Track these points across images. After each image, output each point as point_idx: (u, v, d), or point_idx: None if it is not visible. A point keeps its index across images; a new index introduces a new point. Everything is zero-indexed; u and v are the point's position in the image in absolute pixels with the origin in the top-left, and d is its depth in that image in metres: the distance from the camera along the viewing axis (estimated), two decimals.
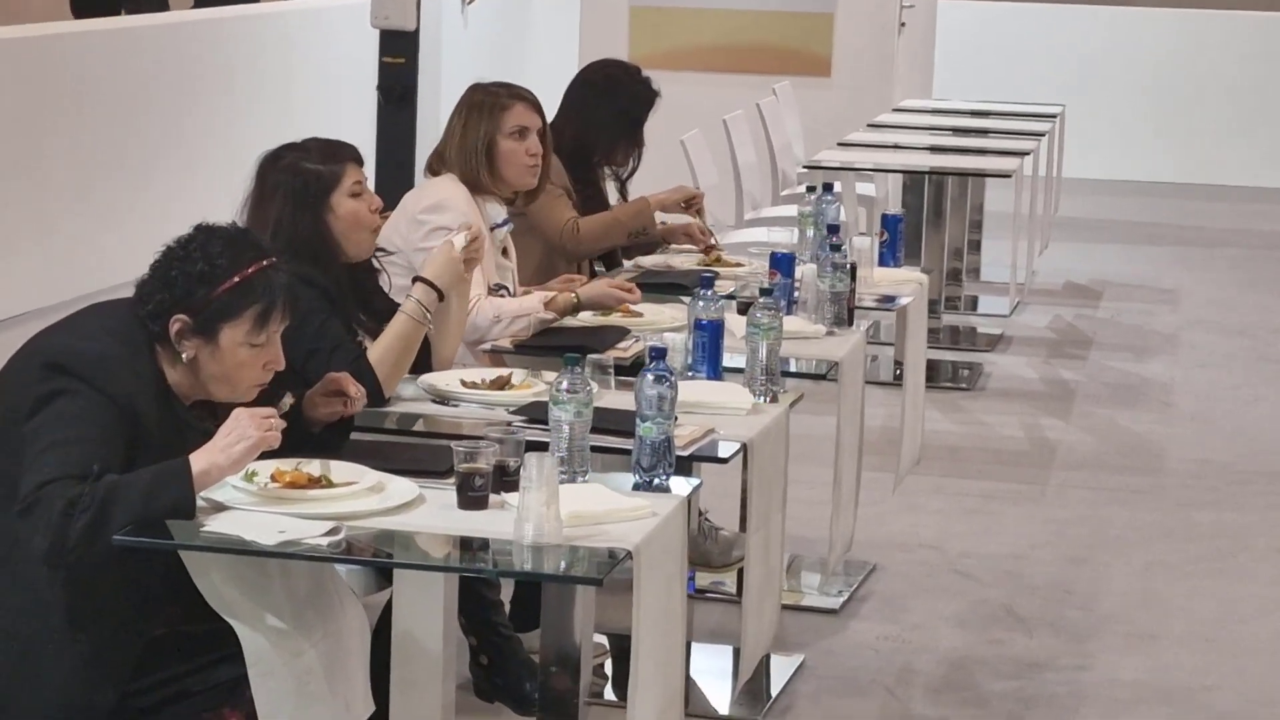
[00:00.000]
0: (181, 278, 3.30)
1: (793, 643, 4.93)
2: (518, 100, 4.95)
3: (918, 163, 8.60)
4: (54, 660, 3.19)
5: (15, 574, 3.20)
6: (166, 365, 3.32)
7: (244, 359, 3.33)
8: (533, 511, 3.16)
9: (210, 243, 3.34)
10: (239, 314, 3.31)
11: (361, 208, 4.09)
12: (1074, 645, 5.03)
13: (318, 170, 4.05)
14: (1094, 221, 11.65)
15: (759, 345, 4.23)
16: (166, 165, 8.95)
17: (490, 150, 4.89)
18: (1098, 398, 7.60)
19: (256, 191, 4.07)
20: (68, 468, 3.12)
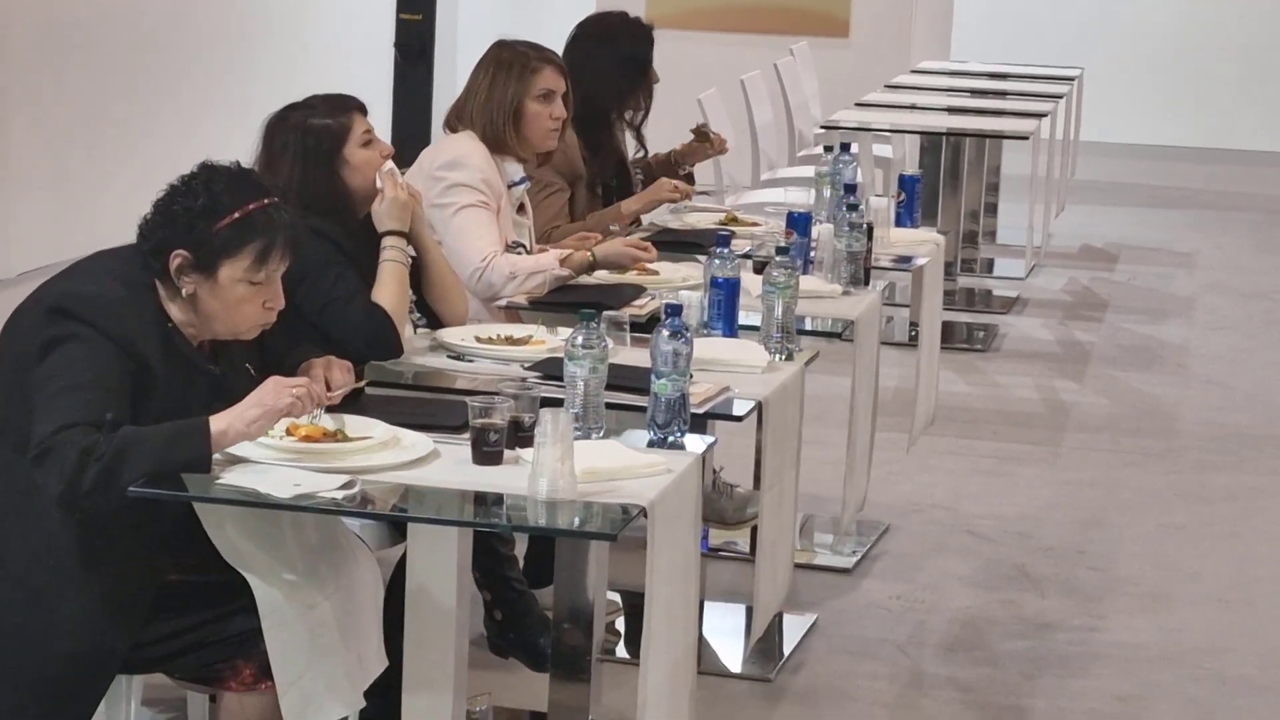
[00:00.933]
0: (183, 213, 3.32)
1: (805, 602, 4.93)
2: (547, 64, 4.93)
3: (935, 124, 8.58)
4: (67, 605, 3.21)
5: (28, 521, 3.22)
6: (171, 305, 3.33)
7: (243, 295, 3.33)
8: (547, 467, 3.16)
9: (213, 180, 3.35)
10: (239, 250, 3.31)
11: (374, 155, 4.10)
12: (1086, 606, 5.04)
13: (326, 124, 4.05)
14: (1111, 185, 11.63)
15: (775, 303, 4.23)
16: (179, 120, 8.95)
17: (518, 111, 4.86)
18: (1113, 360, 7.59)
19: (265, 153, 4.06)
20: (80, 414, 3.13)
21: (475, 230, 4.69)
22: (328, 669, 3.22)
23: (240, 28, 9.68)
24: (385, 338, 3.98)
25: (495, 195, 4.80)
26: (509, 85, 4.85)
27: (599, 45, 5.68)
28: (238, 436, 3.21)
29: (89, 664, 3.23)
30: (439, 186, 4.73)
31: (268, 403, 3.21)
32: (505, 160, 4.91)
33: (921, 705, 4.43)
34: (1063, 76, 9.90)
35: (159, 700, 4.06)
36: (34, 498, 3.19)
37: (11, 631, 3.21)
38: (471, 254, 4.66)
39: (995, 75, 10.07)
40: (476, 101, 4.87)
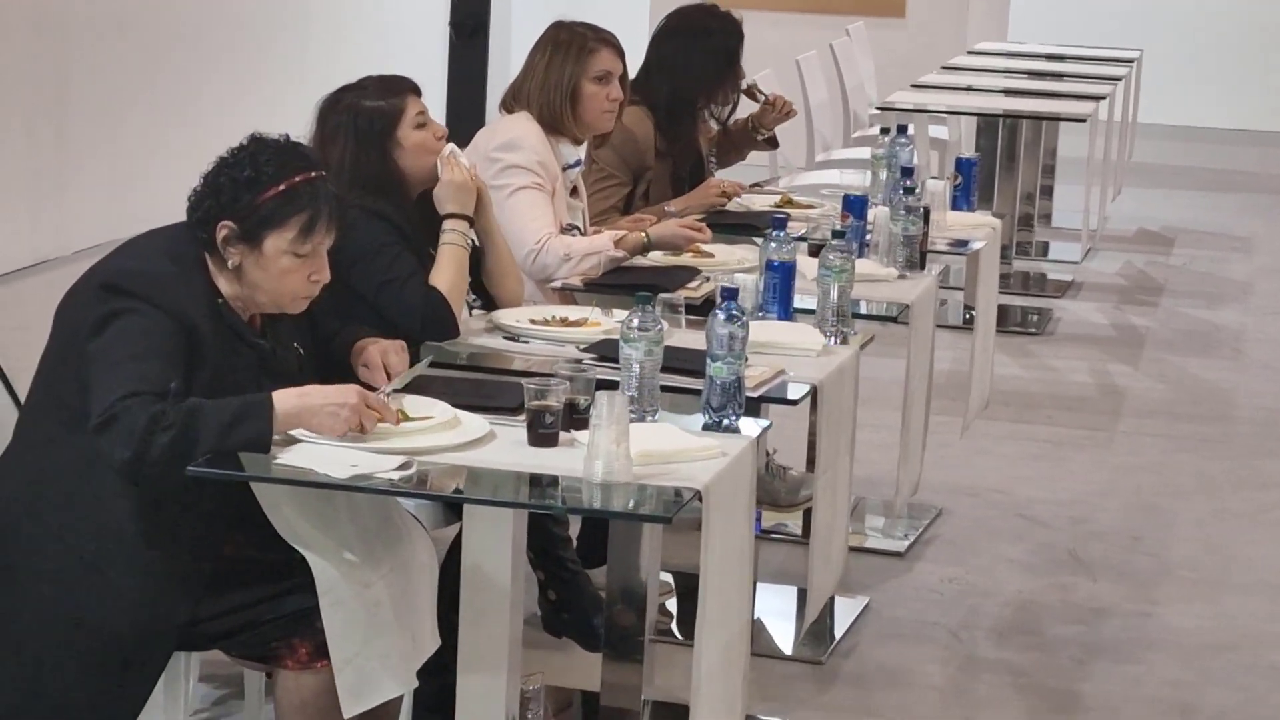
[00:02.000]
0: (229, 184, 3.34)
1: (858, 584, 4.94)
2: (604, 45, 4.93)
3: (991, 106, 8.54)
4: (125, 579, 3.24)
5: (84, 495, 3.25)
6: (220, 278, 3.35)
7: (288, 267, 3.35)
8: (602, 449, 3.17)
9: (260, 151, 3.38)
10: (284, 222, 3.33)
11: (428, 136, 4.10)
12: (1139, 591, 5.02)
13: (379, 106, 4.06)
14: (1168, 168, 11.56)
15: (830, 287, 4.22)
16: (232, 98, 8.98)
17: (575, 93, 4.86)
18: (1169, 344, 7.56)
19: (318, 134, 4.08)
20: (144, 383, 3.15)
21: (530, 212, 4.70)
22: (383, 648, 3.24)
23: (294, 4, 9.71)
24: (442, 319, 3.99)
25: (550, 177, 4.80)
26: (566, 66, 4.85)
27: (692, 39, 5.65)
28: (300, 426, 3.24)
29: (147, 637, 3.26)
30: (495, 168, 4.74)
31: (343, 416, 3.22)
32: (561, 142, 4.91)
33: (973, 689, 4.43)
34: (1121, 59, 9.84)
35: (216, 677, 4.10)
36: (90, 472, 3.22)
37: (71, 603, 3.24)
38: (526, 235, 4.66)
39: (1053, 57, 10.02)
40: (533, 82, 4.87)
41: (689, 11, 5.88)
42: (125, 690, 3.27)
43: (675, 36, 5.69)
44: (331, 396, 3.25)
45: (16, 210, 7.74)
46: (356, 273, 3.92)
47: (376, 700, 3.27)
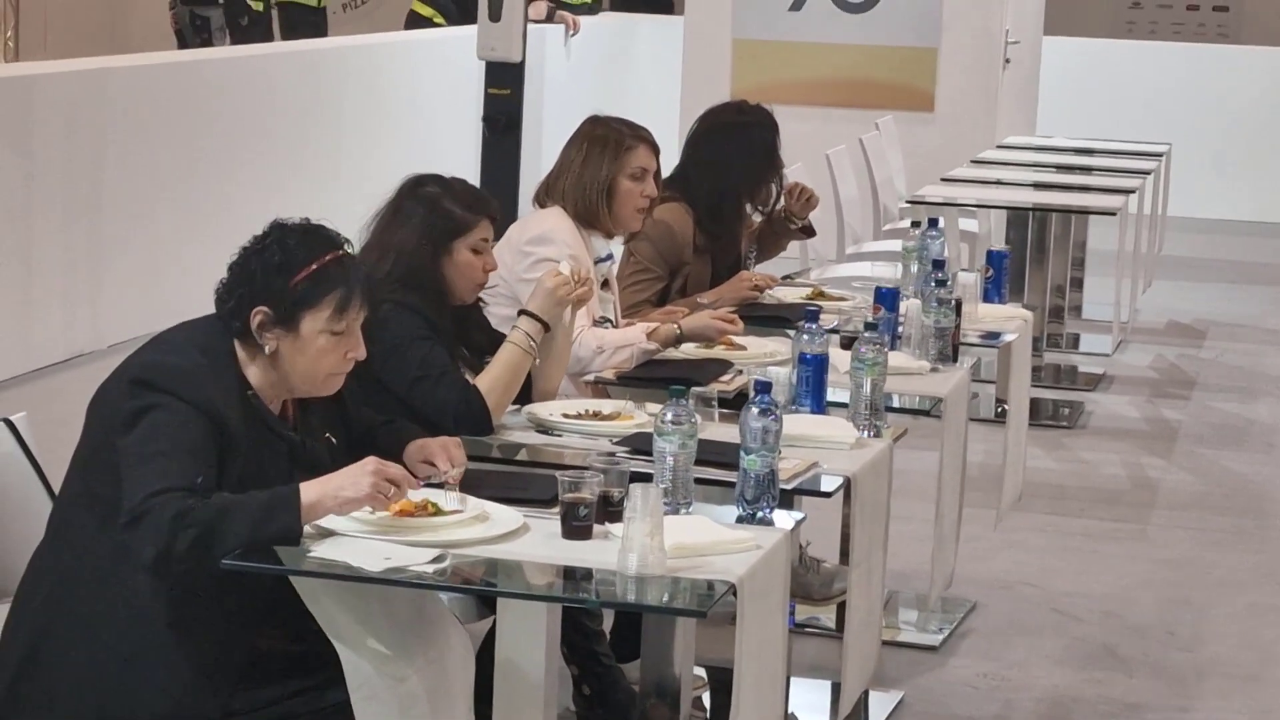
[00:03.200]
0: (260, 270, 3.37)
1: (891, 679, 4.91)
2: (641, 142, 4.96)
3: (1021, 199, 8.56)
4: (158, 672, 3.23)
5: (117, 589, 3.25)
6: (250, 369, 3.37)
7: (325, 347, 3.37)
8: (637, 542, 3.17)
9: (286, 235, 3.41)
10: (319, 301, 3.36)
11: (477, 264, 4.14)
12: (1176, 687, 4.98)
13: (454, 211, 4.11)
14: (1198, 260, 11.55)
15: (863, 380, 4.22)
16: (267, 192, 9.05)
17: (610, 188, 4.90)
18: (1201, 438, 7.53)
19: (390, 210, 4.14)
20: (172, 479, 3.17)
21: None
22: None
23: (329, 101, 9.79)
24: (477, 417, 3.99)
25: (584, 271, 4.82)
26: (603, 162, 4.88)
27: (729, 135, 5.67)
28: (326, 511, 3.24)
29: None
30: (527, 261, 4.77)
31: (363, 486, 3.23)
32: (593, 236, 4.94)
33: None
34: (1150, 153, 9.86)
35: None
36: (122, 565, 3.23)
37: (102, 697, 3.24)
38: None
39: (1081, 150, 10.04)
40: (569, 177, 4.90)
41: (723, 110, 5.91)
42: None
43: (712, 135, 5.71)
44: (350, 470, 3.27)
45: (51, 305, 7.79)
46: (389, 368, 3.93)
47: None
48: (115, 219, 8.12)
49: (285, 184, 9.17)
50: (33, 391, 7.22)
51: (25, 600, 3.34)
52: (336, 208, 4.15)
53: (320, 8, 12.68)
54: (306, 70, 9.73)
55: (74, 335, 7.88)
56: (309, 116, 9.57)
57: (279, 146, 9.24)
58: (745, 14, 10.98)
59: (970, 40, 10.77)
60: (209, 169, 8.68)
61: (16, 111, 7.59)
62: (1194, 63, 13.44)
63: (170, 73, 8.69)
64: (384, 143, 10.03)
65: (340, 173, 9.51)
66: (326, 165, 9.54)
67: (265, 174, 9.09)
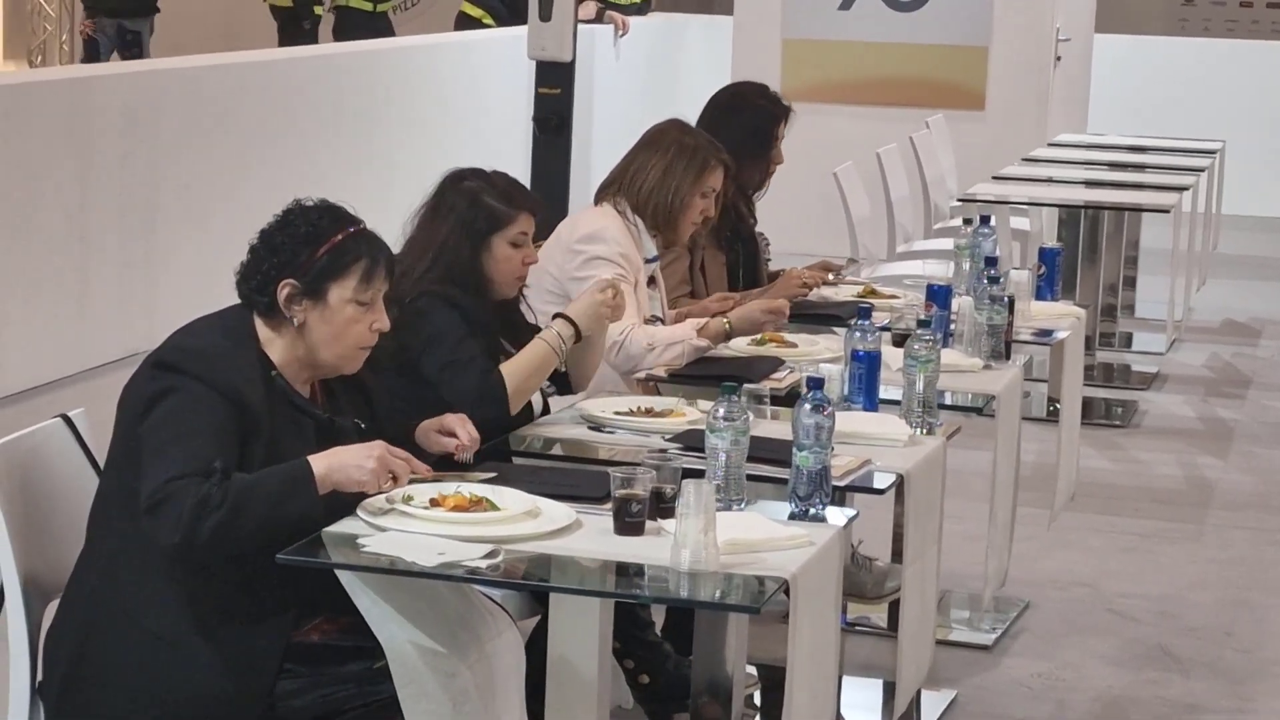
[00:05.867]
0: (286, 243, 3.40)
1: (944, 678, 4.88)
2: (721, 165, 4.96)
3: (1073, 197, 8.51)
4: (202, 650, 3.25)
5: (158, 576, 3.27)
6: (273, 347, 3.38)
7: (352, 316, 3.40)
8: (690, 538, 3.16)
9: (308, 211, 3.45)
10: (345, 271, 3.39)
11: (516, 258, 4.14)
12: (1232, 687, 4.94)
13: (493, 206, 4.11)
14: (1254, 259, 11.47)
15: (916, 377, 4.20)
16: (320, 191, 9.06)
17: (684, 203, 4.89)
18: (1257, 437, 7.47)
19: (432, 204, 4.15)
20: (190, 465, 3.18)
21: None
22: None
23: (381, 101, 9.81)
24: (495, 399, 3.98)
25: (633, 269, 4.82)
26: (686, 175, 4.88)
27: (726, 113, 5.68)
28: (331, 485, 3.26)
29: (229, 712, 3.26)
30: (578, 260, 4.76)
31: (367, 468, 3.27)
32: (643, 235, 4.93)
33: None
34: (1204, 150, 9.79)
35: None
36: (162, 555, 3.23)
37: (155, 682, 3.26)
38: (611, 328, 4.67)
39: (1134, 148, 9.98)
40: (648, 177, 4.87)
41: (740, 87, 5.91)
42: None
43: (716, 108, 5.72)
44: (358, 449, 3.29)
45: (107, 304, 7.82)
46: (425, 358, 3.95)
47: None
48: (170, 220, 8.15)
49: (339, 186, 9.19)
50: (88, 390, 7.25)
51: (73, 596, 3.36)
52: (390, 208, 4.16)
53: (378, 12, 12.69)
54: (360, 71, 9.75)
55: (129, 335, 7.91)
56: (362, 117, 9.58)
57: (333, 149, 9.27)
58: (795, 13, 10.95)
59: (1020, 38, 10.72)
60: (264, 170, 8.71)
61: (73, 113, 7.62)
62: (1247, 59, 13.34)
63: (226, 74, 8.72)
64: (435, 142, 10.04)
65: (392, 173, 9.53)
66: (379, 165, 9.56)
67: (318, 176, 9.10)
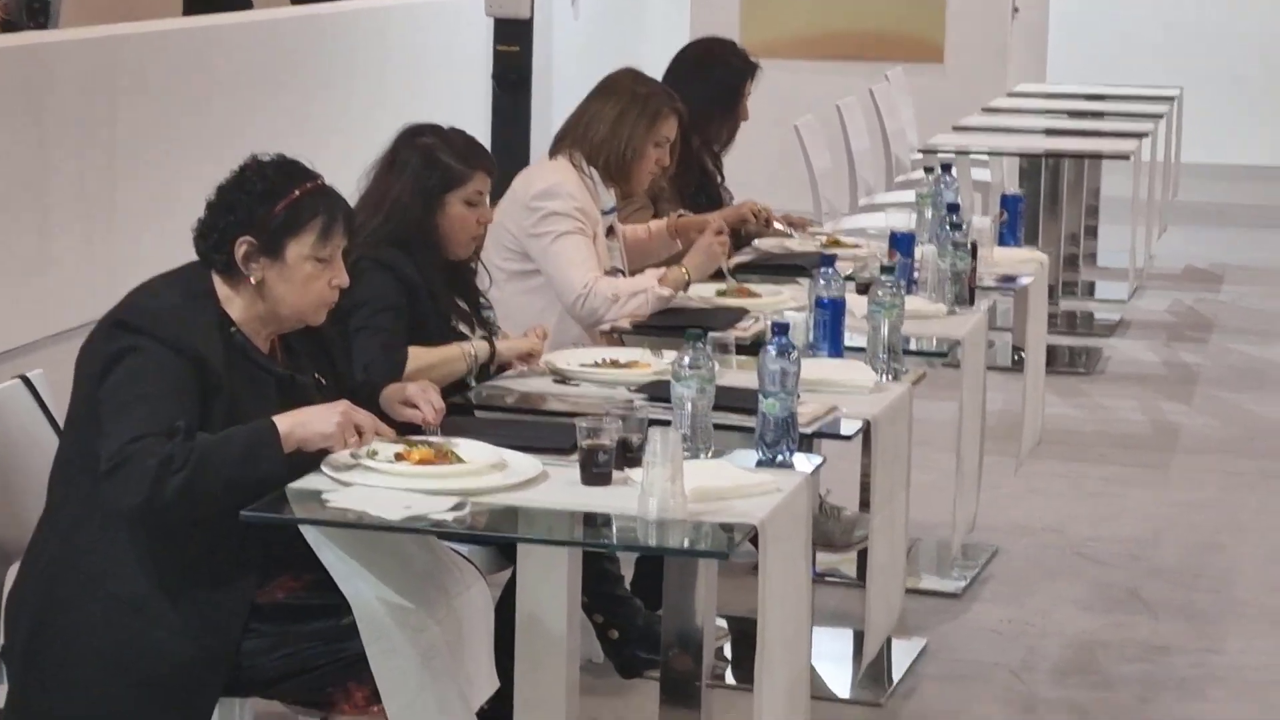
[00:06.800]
0: (243, 200, 3.36)
1: (914, 626, 4.88)
2: (675, 113, 4.92)
3: (1033, 146, 8.50)
4: (165, 613, 3.23)
5: (120, 538, 3.24)
6: (232, 304, 3.35)
7: (310, 273, 3.37)
8: (657, 487, 3.14)
9: (264, 168, 3.41)
10: (303, 228, 3.36)
11: (470, 218, 4.10)
12: (1202, 628, 4.95)
13: (449, 164, 4.07)
14: (1213, 206, 11.48)
15: (881, 323, 4.19)
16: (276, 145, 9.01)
17: (637, 151, 4.86)
18: (1221, 381, 7.49)
19: (387, 159, 4.11)
20: (151, 424, 3.15)
21: (574, 257, 4.69)
22: (440, 692, 3.21)
23: (340, 62, 9.74)
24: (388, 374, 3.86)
25: (591, 222, 4.80)
26: (639, 124, 4.84)
27: (695, 68, 5.66)
28: (295, 443, 3.23)
29: (194, 672, 3.23)
30: (535, 216, 4.73)
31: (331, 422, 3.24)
32: (599, 187, 4.90)
33: None
34: (1162, 96, 9.79)
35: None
36: (124, 517, 3.21)
37: (118, 646, 3.24)
38: (573, 281, 4.65)
39: (1092, 96, 9.97)
40: (601, 127, 4.84)
41: (708, 43, 5.88)
42: None
43: (685, 63, 5.70)
44: (323, 408, 3.28)
45: (67, 271, 7.77)
46: (351, 320, 3.91)
47: None
48: (129, 185, 8.09)
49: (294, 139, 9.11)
50: (49, 356, 7.19)
51: (34, 559, 3.33)
52: (345, 164, 4.12)
53: None
54: (317, 32, 9.68)
55: (90, 300, 7.84)
56: (320, 78, 9.52)
57: (288, 103, 9.20)
58: None
59: None
60: (222, 134, 8.64)
61: (30, 80, 7.55)
62: (1204, 7, 13.33)
63: (181, 39, 8.65)
64: (394, 100, 9.98)
65: (351, 132, 9.46)
66: (337, 125, 9.50)
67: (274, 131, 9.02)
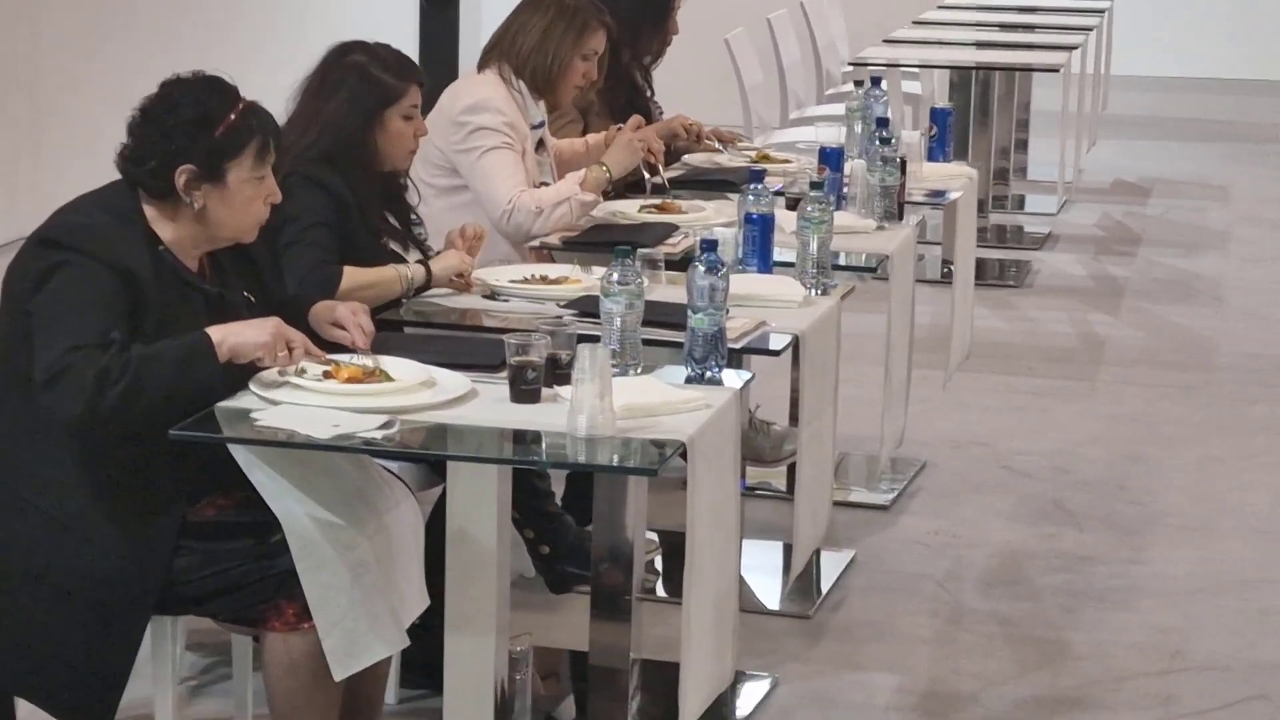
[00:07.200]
0: (180, 126, 3.32)
1: (843, 538, 4.92)
2: (603, 26, 4.90)
3: (964, 59, 8.52)
4: (95, 530, 3.22)
5: (52, 458, 3.24)
6: (161, 225, 3.33)
7: (250, 195, 3.36)
8: (586, 404, 3.15)
9: (193, 90, 3.36)
10: (241, 150, 3.34)
11: (408, 131, 4.09)
12: (1126, 539, 5.01)
13: (384, 80, 4.05)
14: (1143, 119, 11.54)
15: (810, 238, 4.20)
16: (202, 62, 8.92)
17: (564, 64, 4.84)
18: (1148, 294, 7.55)
19: (317, 79, 4.08)
20: (86, 335, 3.14)
21: (501, 172, 4.68)
22: (371, 609, 3.22)
23: None
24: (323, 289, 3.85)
25: (520, 136, 4.78)
26: (566, 36, 4.83)
27: None
28: (228, 352, 3.22)
29: (125, 589, 3.24)
30: (462, 131, 4.71)
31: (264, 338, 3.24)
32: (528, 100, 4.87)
33: (961, 639, 4.42)
34: (1092, 9, 9.81)
35: (204, 645, 4.08)
36: (50, 432, 3.21)
37: (49, 564, 3.24)
38: (498, 196, 4.65)
39: (1024, 9, 9.99)
40: (526, 39, 4.83)
41: None
42: (112, 647, 3.25)
43: None
44: (255, 322, 3.27)
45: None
46: (280, 235, 3.88)
47: (366, 662, 3.25)
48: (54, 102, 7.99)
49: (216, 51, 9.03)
50: None
51: None
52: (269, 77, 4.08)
53: None
54: None
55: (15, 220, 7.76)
56: None
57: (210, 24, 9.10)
58: None
59: None
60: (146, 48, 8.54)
61: None
62: None
63: None
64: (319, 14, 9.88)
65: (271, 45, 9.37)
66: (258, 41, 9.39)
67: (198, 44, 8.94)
